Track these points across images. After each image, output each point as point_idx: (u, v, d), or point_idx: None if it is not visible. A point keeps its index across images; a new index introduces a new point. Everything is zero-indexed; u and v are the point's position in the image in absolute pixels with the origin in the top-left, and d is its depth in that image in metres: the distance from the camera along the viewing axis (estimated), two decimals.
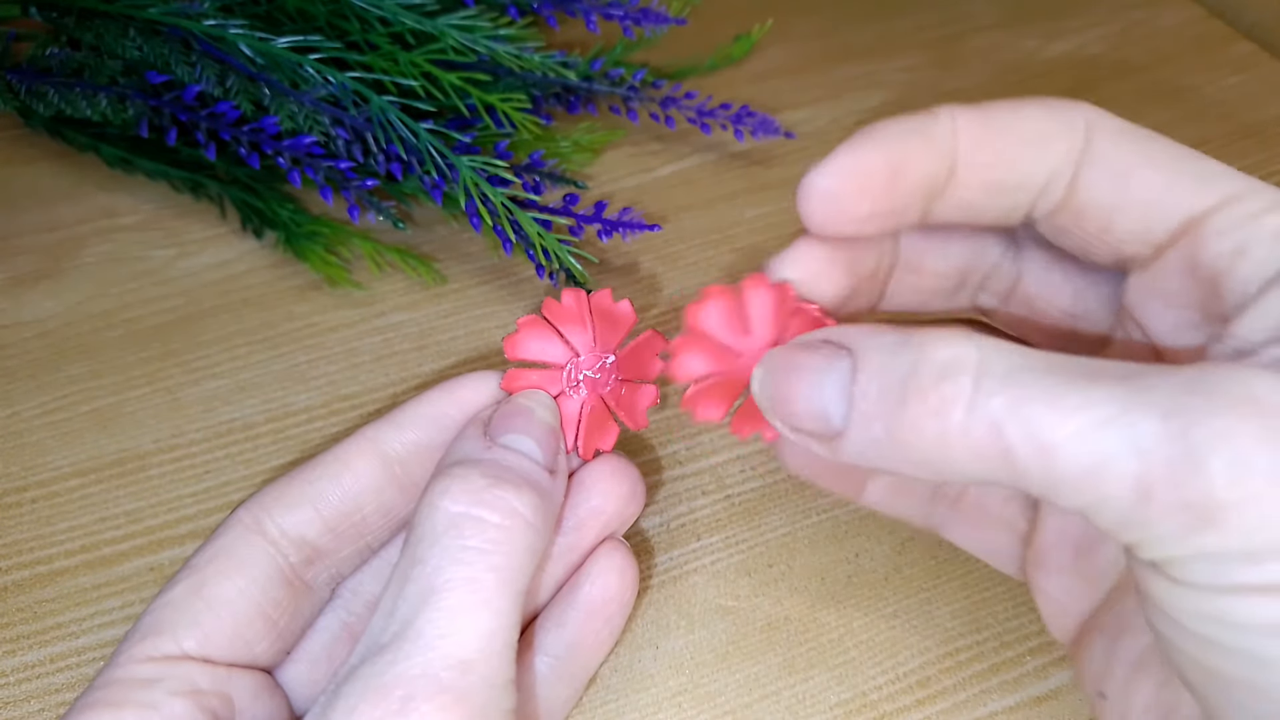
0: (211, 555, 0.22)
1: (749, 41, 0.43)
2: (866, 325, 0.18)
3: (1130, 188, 0.19)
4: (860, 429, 0.17)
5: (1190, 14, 0.47)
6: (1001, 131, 0.19)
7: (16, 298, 0.35)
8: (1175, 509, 0.14)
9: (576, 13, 0.37)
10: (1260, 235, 0.18)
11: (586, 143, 0.39)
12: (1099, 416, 0.14)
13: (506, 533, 0.19)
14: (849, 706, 0.25)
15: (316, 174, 0.34)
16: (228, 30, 0.34)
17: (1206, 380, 0.14)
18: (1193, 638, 0.15)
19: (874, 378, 0.16)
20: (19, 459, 0.30)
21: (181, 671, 0.20)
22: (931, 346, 0.16)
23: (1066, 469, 0.15)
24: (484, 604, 0.19)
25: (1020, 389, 0.15)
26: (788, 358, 0.18)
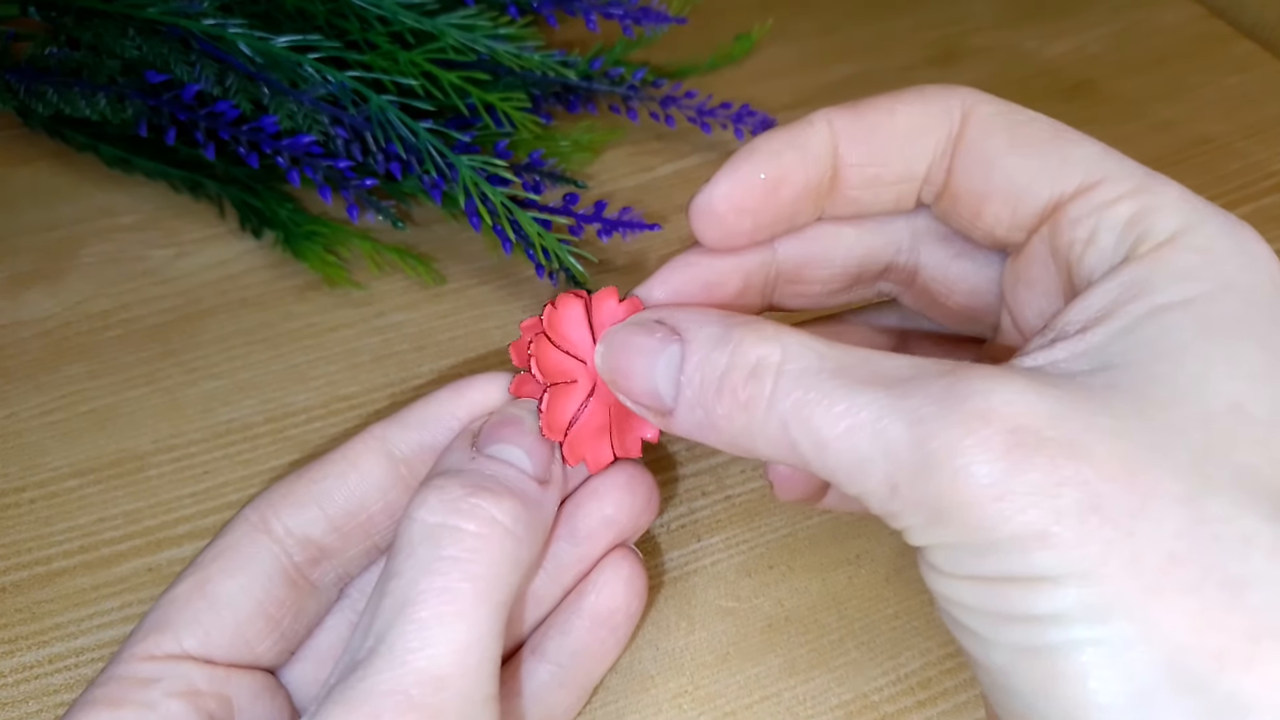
0: (216, 553, 0.22)
1: (749, 41, 0.43)
2: (698, 309, 0.20)
3: (995, 175, 0.20)
4: (686, 411, 0.19)
5: (1190, 13, 0.47)
6: (875, 129, 0.21)
7: (15, 297, 0.35)
8: (914, 505, 0.16)
9: (576, 12, 0.37)
10: (1110, 224, 0.18)
11: (586, 142, 0.39)
12: (859, 421, 0.16)
13: (485, 541, 0.19)
14: (850, 708, 0.25)
15: (315, 173, 0.34)
16: (227, 29, 0.34)
17: (957, 391, 0.16)
18: (948, 616, 0.17)
19: (697, 369, 0.19)
20: (17, 459, 0.30)
21: (180, 671, 0.20)
22: (745, 345, 0.18)
23: (837, 463, 0.17)
24: (459, 615, 0.18)
25: (805, 392, 0.17)
26: (625, 337, 0.20)
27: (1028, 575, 0.15)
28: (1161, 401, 0.16)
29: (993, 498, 0.15)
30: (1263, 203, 0.38)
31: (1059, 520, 0.15)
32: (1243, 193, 0.38)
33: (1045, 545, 0.15)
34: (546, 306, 0.22)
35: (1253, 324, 0.17)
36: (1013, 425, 0.15)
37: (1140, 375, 0.16)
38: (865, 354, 0.18)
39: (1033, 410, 0.16)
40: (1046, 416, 0.16)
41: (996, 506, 0.15)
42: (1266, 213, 0.37)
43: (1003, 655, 0.16)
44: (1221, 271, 0.17)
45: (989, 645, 0.16)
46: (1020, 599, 0.15)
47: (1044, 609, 0.15)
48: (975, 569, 0.16)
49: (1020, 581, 0.15)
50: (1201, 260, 0.17)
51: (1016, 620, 0.15)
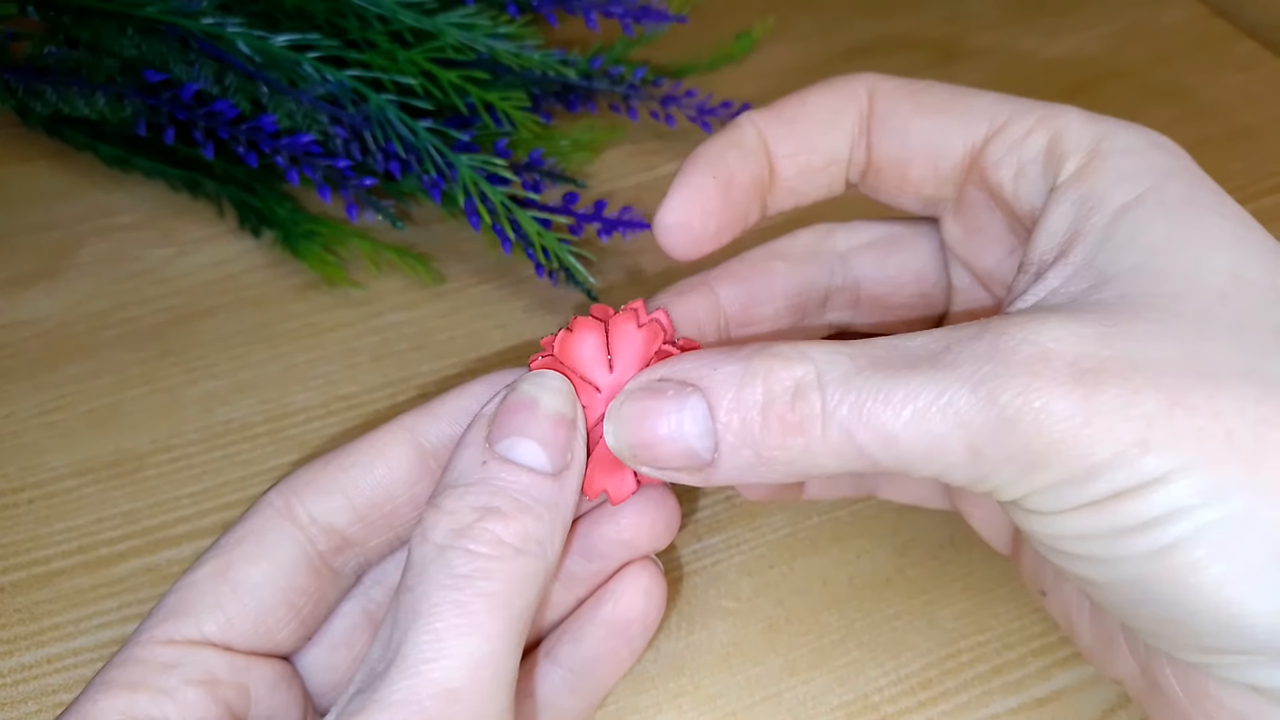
0: (239, 538, 0.21)
1: (750, 39, 0.43)
2: (695, 357, 0.19)
3: (910, 138, 0.22)
4: (731, 456, 0.18)
5: (1192, 13, 0.47)
6: (794, 121, 0.22)
7: (14, 297, 0.35)
8: (1004, 461, 0.16)
9: (576, 10, 0.36)
10: (1030, 154, 0.20)
11: (586, 141, 0.39)
12: (922, 404, 0.17)
13: (496, 561, 0.19)
14: (851, 708, 0.25)
15: (314, 173, 0.34)
16: (225, 28, 0.33)
17: (1001, 348, 0.17)
18: (1057, 554, 0.18)
19: (733, 411, 0.18)
20: (16, 459, 0.30)
21: (200, 658, 0.20)
22: (776, 373, 0.18)
23: (910, 451, 0.17)
24: (473, 628, 0.18)
25: (856, 394, 0.17)
26: (637, 405, 0.19)
27: (1138, 483, 0.16)
28: (1175, 294, 0.17)
29: (1082, 425, 0.16)
30: (1263, 202, 0.37)
31: (1150, 425, 0.16)
32: (1244, 192, 0.38)
33: (1147, 450, 0.16)
34: (561, 331, 0.21)
35: (1203, 200, 0.18)
36: (1070, 358, 0.16)
37: (1142, 276, 0.17)
38: (889, 341, 0.18)
39: (1079, 339, 0.16)
40: (1093, 340, 0.16)
41: (1089, 432, 0.16)
42: (1267, 213, 0.37)
43: (1132, 567, 0.16)
44: (1154, 164, 0.19)
45: (1115, 564, 0.17)
46: (1136, 508, 0.16)
47: (1161, 509, 0.16)
48: (1082, 497, 0.16)
49: (1131, 493, 0.16)
50: (1133, 160, 0.19)
51: (1137, 529, 0.16)
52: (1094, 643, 0.22)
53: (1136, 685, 0.21)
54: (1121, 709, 0.25)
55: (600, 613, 0.23)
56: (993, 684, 0.26)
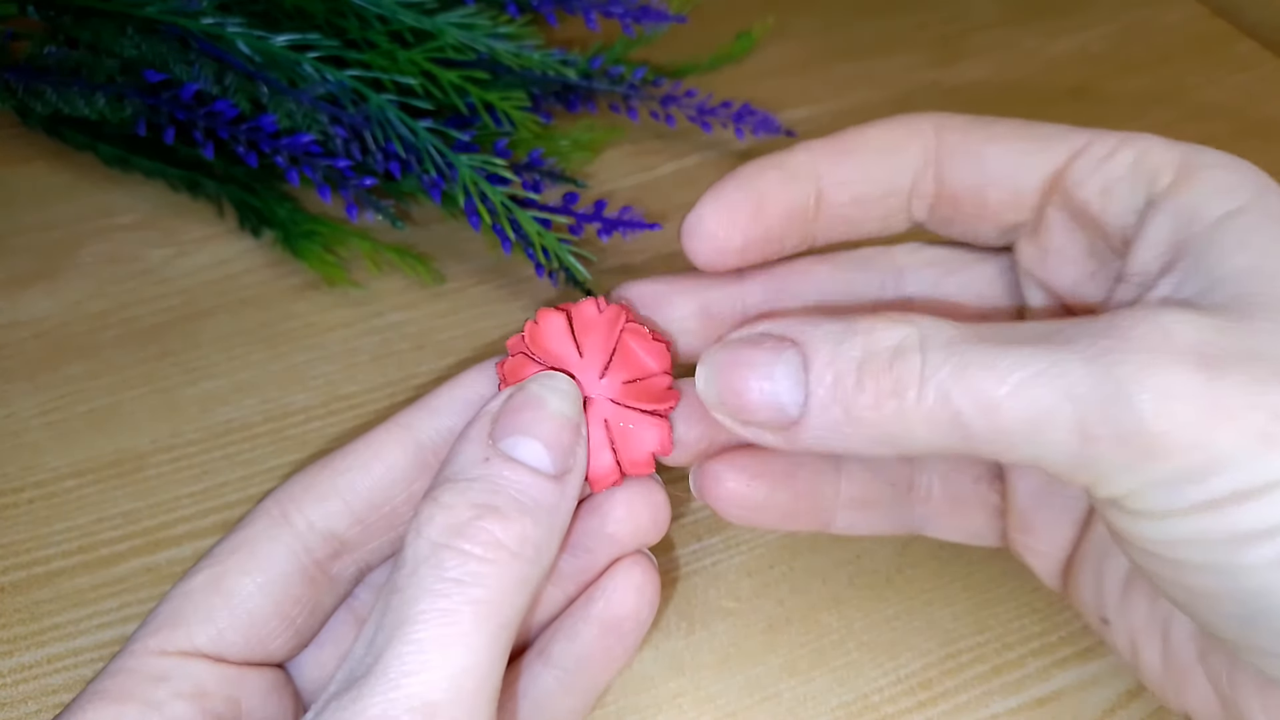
0: (234, 547, 0.21)
1: (750, 39, 0.43)
2: (797, 316, 0.19)
3: (987, 163, 0.21)
4: (819, 414, 0.18)
5: (1192, 12, 0.47)
6: (855, 149, 0.22)
7: (13, 297, 0.35)
8: (1115, 443, 0.15)
9: (576, 10, 0.36)
10: (1118, 172, 0.20)
11: (586, 141, 0.39)
12: (1031, 372, 0.16)
13: (489, 565, 0.18)
14: (850, 708, 0.25)
15: (314, 172, 0.34)
16: (225, 28, 0.33)
17: (1119, 325, 0.16)
18: (1161, 561, 0.17)
19: (828, 365, 0.18)
20: (16, 459, 0.30)
21: (190, 670, 0.20)
22: (878, 332, 0.17)
23: (1011, 423, 0.16)
24: (458, 639, 0.17)
25: (960, 358, 0.16)
26: (732, 354, 0.19)
27: (1262, 483, 0.15)
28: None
29: (1205, 410, 0.15)
30: None
31: (1275, 418, 0.15)
32: None
33: (1271, 445, 0.15)
34: (527, 324, 0.22)
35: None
36: (1194, 341, 0.16)
37: (1254, 278, 0.17)
38: (994, 324, 0.17)
39: (1201, 328, 0.16)
40: (1215, 332, 0.16)
41: (1212, 419, 0.15)
42: None
43: (1257, 576, 0.16)
44: (1248, 179, 0.19)
45: (1236, 571, 0.16)
46: (1259, 511, 0.15)
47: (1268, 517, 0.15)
48: (1201, 494, 0.15)
49: (1255, 493, 0.15)
50: (1227, 174, 0.19)
51: (1261, 535, 0.15)
52: (1164, 673, 0.21)
53: (1212, 717, 0.20)
54: (1121, 709, 0.25)
55: (592, 610, 0.22)
56: (992, 684, 0.26)
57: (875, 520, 0.25)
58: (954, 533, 0.25)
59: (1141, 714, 0.25)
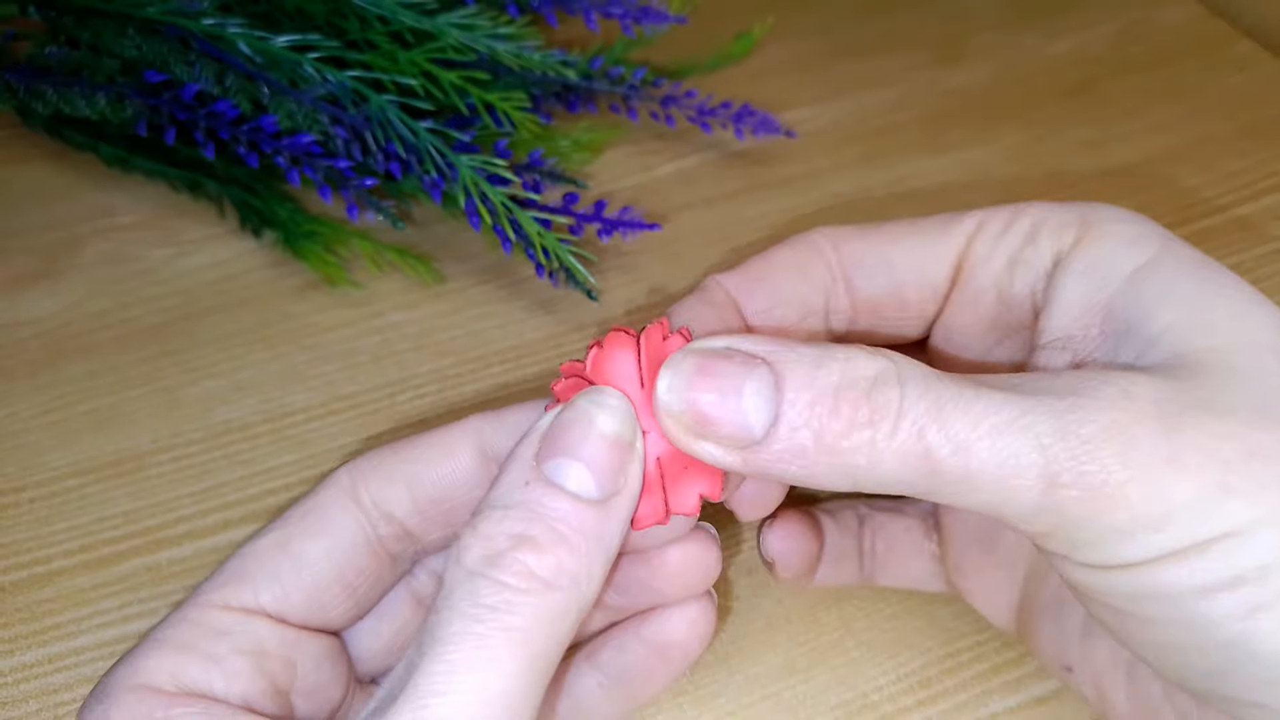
0: (303, 512, 0.21)
1: (750, 40, 0.43)
2: (770, 336, 0.19)
3: (897, 266, 0.22)
4: (786, 437, 0.17)
5: (1191, 13, 0.47)
6: (761, 278, 0.23)
7: (14, 297, 0.35)
8: (1079, 492, 0.16)
9: (576, 11, 0.37)
10: (1018, 242, 0.21)
11: (586, 141, 0.39)
12: (1004, 419, 0.16)
13: (524, 595, 0.18)
14: (850, 707, 0.25)
15: (315, 173, 0.34)
16: (226, 29, 0.34)
17: (1086, 383, 0.17)
18: (1124, 616, 0.17)
19: (803, 388, 0.17)
20: (16, 459, 0.30)
21: (251, 628, 0.20)
22: (857, 360, 0.18)
23: (981, 466, 0.16)
24: (489, 664, 0.17)
25: (936, 399, 0.17)
26: (700, 363, 0.18)
27: (1221, 531, 0.16)
28: (1228, 347, 0.17)
29: (1164, 462, 0.16)
30: (1264, 202, 0.37)
31: (1229, 470, 0.16)
32: (1244, 192, 0.38)
33: (1228, 494, 0.16)
34: (592, 348, 0.20)
35: (1211, 262, 0.19)
36: (1154, 400, 0.16)
37: (1187, 333, 0.18)
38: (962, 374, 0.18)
39: (1159, 389, 0.17)
40: (1172, 392, 0.17)
41: (1171, 471, 0.16)
42: (1268, 212, 0.37)
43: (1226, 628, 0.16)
44: (1149, 231, 0.19)
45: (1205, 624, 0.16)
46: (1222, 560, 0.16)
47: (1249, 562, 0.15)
48: (1163, 544, 0.16)
49: (1215, 542, 0.16)
50: (1128, 227, 0.20)
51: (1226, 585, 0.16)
52: (1131, 713, 0.21)
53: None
54: None
55: (645, 629, 0.22)
56: (992, 683, 0.26)
57: (844, 573, 0.26)
58: (900, 580, 0.26)
59: None
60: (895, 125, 0.41)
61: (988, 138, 0.40)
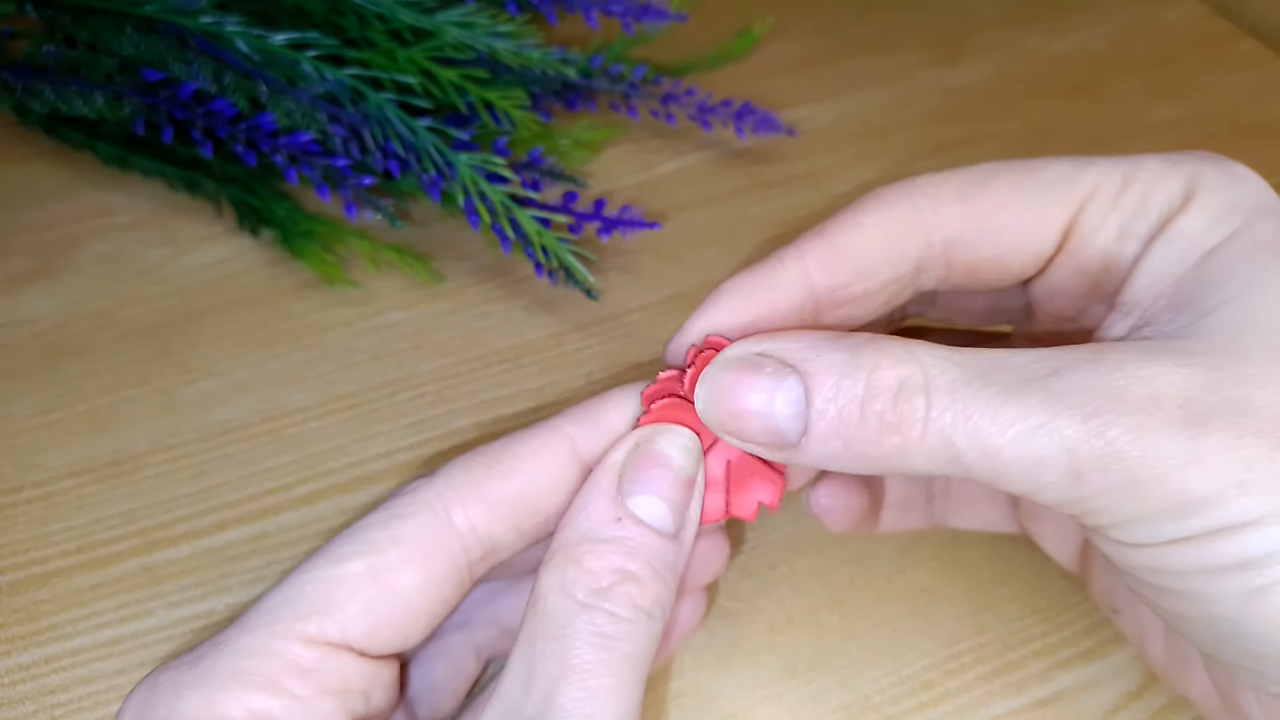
0: (395, 538, 0.20)
1: (750, 38, 0.43)
2: (800, 336, 0.19)
3: (1004, 234, 0.21)
4: (818, 444, 0.18)
5: (1193, 11, 0.47)
6: (847, 249, 0.21)
7: (11, 297, 0.34)
8: (1105, 487, 0.17)
9: (576, 8, 0.36)
10: (1130, 212, 0.20)
11: (586, 140, 0.39)
12: (1030, 425, 0.17)
13: (634, 625, 0.19)
14: (852, 709, 0.25)
15: (313, 171, 0.34)
16: (224, 27, 0.33)
17: (1116, 381, 0.17)
18: (1145, 585, 0.18)
19: (830, 401, 0.18)
20: (14, 459, 0.30)
21: (337, 665, 0.19)
22: (883, 369, 0.18)
23: (1009, 466, 0.17)
24: (621, 688, 0.19)
25: (963, 404, 0.17)
26: (732, 377, 0.19)
27: (1236, 522, 0.16)
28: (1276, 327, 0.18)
29: (1187, 463, 0.16)
30: None
31: (1250, 469, 0.16)
32: None
33: (1245, 491, 0.16)
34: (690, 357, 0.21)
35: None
36: (1181, 400, 0.17)
37: (1241, 311, 0.18)
38: (996, 355, 0.18)
39: (1190, 383, 0.17)
40: (1203, 386, 0.17)
41: (1193, 470, 0.16)
42: None
43: (1225, 605, 0.17)
44: (1242, 202, 0.19)
45: (1207, 601, 0.17)
46: (1231, 547, 0.17)
47: (1256, 550, 0.16)
48: (1179, 531, 0.17)
49: (1227, 531, 0.16)
50: (1222, 198, 0.19)
51: (1231, 569, 0.17)
52: (1168, 662, 0.22)
53: (1213, 707, 0.21)
54: (1123, 710, 0.25)
55: None
56: (994, 685, 0.26)
57: (911, 519, 0.27)
58: (972, 523, 0.26)
59: (1143, 715, 0.25)
60: (897, 124, 0.41)
61: (989, 136, 0.40)
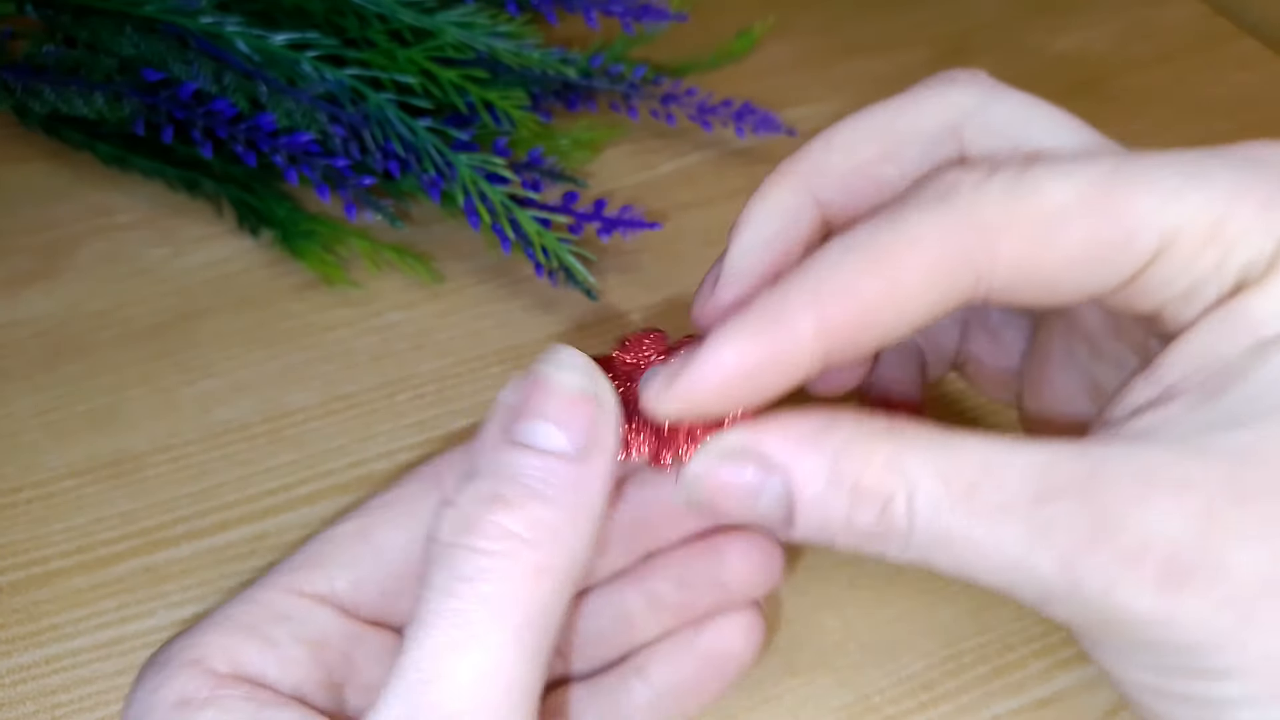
0: (386, 502, 0.21)
1: (750, 38, 0.43)
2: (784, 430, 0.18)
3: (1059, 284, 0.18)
4: (804, 535, 0.18)
5: (1194, 11, 0.47)
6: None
7: (12, 297, 0.34)
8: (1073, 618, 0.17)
9: (576, 8, 0.36)
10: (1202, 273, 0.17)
11: (586, 140, 0.39)
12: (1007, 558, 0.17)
13: (501, 559, 0.17)
14: (851, 710, 0.25)
15: (313, 172, 0.34)
16: (224, 27, 0.33)
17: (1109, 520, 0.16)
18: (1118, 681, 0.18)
19: (813, 512, 0.18)
20: (14, 459, 0.30)
21: (317, 617, 0.20)
22: (864, 484, 0.17)
23: (984, 581, 0.17)
24: (473, 640, 0.16)
25: (946, 530, 0.17)
26: (714, 477, 0.18)
27: (1199, 669, 0.16)
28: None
29: (1157, 622, 0.16)
30: None
31: (1220, 634, 0.16)
32: None
33: (1213, 651, 0.16)
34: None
35: None
36: (1164, 556, 0.16)
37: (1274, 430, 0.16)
38: (984, 461, 0.17)
39: (1183, 535, 0.16)
40: (1195, 539, 0.16)
41: (1162, 629, 0.16)
42: None
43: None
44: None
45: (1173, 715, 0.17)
46: (1197, 684, 0.17)
47: (1218, 694, 0.16)
48: (1146, 662, 0.17)
49: (1193, 671, 0.16)
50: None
51: (1194, 701, 0.17)
52: None
53: None
54: (1123, 710, 0.25)
55: (698, 640, 0.22)
56: (994, 685, 0.26)
57: None
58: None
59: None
60: None
61: None
